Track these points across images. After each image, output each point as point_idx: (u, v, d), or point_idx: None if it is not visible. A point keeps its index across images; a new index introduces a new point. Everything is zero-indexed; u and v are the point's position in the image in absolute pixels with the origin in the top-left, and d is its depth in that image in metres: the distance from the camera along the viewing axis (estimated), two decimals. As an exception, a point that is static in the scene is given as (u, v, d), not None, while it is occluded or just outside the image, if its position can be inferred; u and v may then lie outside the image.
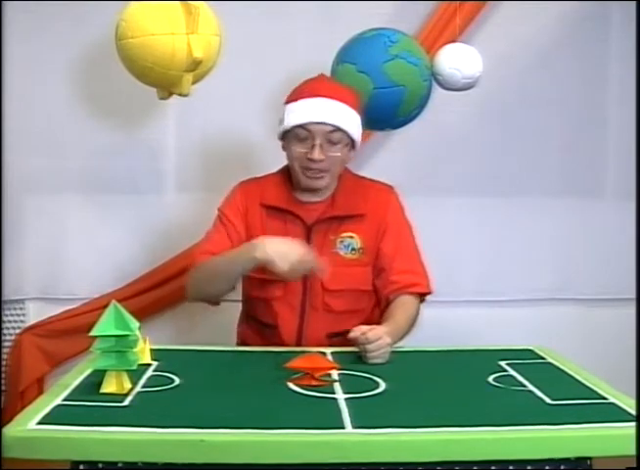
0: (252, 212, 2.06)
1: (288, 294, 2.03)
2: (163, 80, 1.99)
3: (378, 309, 2.12)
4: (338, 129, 1.97)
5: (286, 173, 2.11)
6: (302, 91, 2.02)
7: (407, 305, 2.03)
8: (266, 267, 1.86)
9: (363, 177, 2.17)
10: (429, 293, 2.10)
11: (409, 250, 2.10)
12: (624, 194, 2.87)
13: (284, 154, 2.07)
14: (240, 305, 2.21)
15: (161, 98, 2.07)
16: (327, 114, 1.97)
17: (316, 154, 1.96)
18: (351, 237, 2.04)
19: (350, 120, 2.00)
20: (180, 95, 2.03)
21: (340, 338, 2.01)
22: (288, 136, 2.02)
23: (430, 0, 2.68)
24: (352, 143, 2.04)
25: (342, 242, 2.04)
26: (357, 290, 2.06)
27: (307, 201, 2.06)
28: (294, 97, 2.03)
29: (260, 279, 2.03)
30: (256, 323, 2.11)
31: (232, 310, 2.25)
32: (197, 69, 1.97)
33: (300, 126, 1.97)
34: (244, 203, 2.08)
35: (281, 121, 2.03)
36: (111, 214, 2.78)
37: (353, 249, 2.04)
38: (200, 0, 1.97)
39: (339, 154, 1.99)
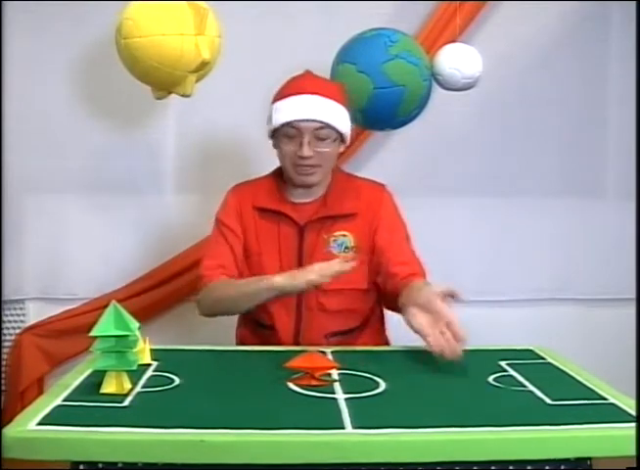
0: (246, 215, 2.07)
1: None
2: (168, 81, 1.98)
3: (378, 308, 2.12)
4: (325, 125, 1.97)
5: (278, 175, 2.11)
6: (289, 89, 2.03)
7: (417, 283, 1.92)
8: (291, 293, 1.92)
9: (355, 176, 2.17)
10: None
11: (402, 243, 2.08)
12: (624, 194, 2.88)
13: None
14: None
15: (158, 98, 2.07)
16: (314, 110, 1.97)
17: (305, 151, 1.96)
18: (344, 235, 2.04)
19: (338, 115, 2.00)
20: (183, 96, 2.03)
21: (338, 338, 2.01)
22: (277, 135, 2.02)
23: (430, 0, 2.68)
24: (341, 137, 2.03)
25: (335, 241, 2.03)
26: (352, 289, 2.04)
27: (299, 201, 2.06)
28: (280, 95, 2.03)
29: None
30: (254, 324, 2.11)
31: (232, 311, 2.24)
32: (203, 70, 1.98)
33: (289, 124, 1.98)
34: (237, 206, 2.08)
35: (268, 121, 2.04)
36: (110, 214, 2.78)
37: (347, 247, 2.03)
38: (202, 0, 1.97)
39: (328, 149, 2.00)
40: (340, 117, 2.01)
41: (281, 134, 2.01)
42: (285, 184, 2.08)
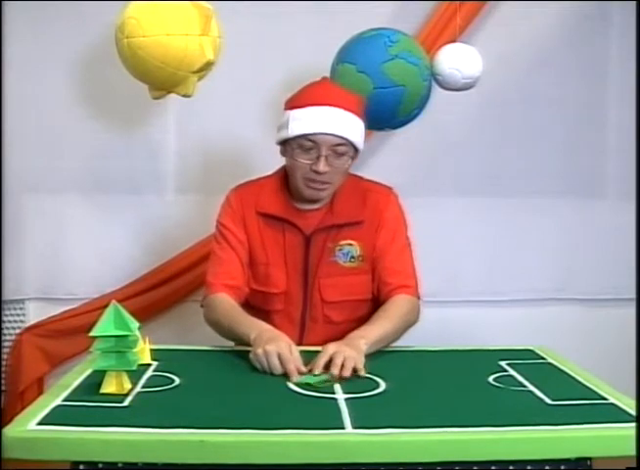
0: (249, 220, 2.01)
1: (288, 307, 2.01)
2: (170, 80, 1.98)
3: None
4: (344, 142, 1.91)
5: (282, 178, 2.04)
6: (308, 98, 1.93)
7: (397, 304, 1.95)
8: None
9: (362, 179, 2.11)
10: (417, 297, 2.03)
11: (401, 251, 2.04)
12: (624, 194, 2.88)
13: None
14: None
15: (155, 98, 2.06)
16: (334, 124, 1.89)
17: (321, 166, 1.89)
18: (350, 244, 2.00)
19: (357, 131, 1.94)
20: (184, 96, 2.03)
21: None
22: (290, 144, 1.94)
23: (430, 0, 2.68)
24: (356, 151, 1.98)
25: (340, 250, 1.99)
26: (357, 300, 2.02)
27: (305, 209, 2.00)
28: (298, 103, 1.94)
29: (262, 292, 2.02)
30: None
31: (232, 310, 2.24)
32: (206, 70, 1.97)
33: (306, 136, 1.90)
34: (240, 210, 2.02)
35: (281, 127, 1.96)
36: (110, 215, 2.78)
37: (352, 257, 2.00)
38: (204, 0, 1.97)
39: (344, 166, 1.95)
40: (358, 134, 1.94)
41: (295, 145, 1.92)
42: (288, 188, 2.02)
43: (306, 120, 1.90)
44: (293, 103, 1.96)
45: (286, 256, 2.00)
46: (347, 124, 1.92)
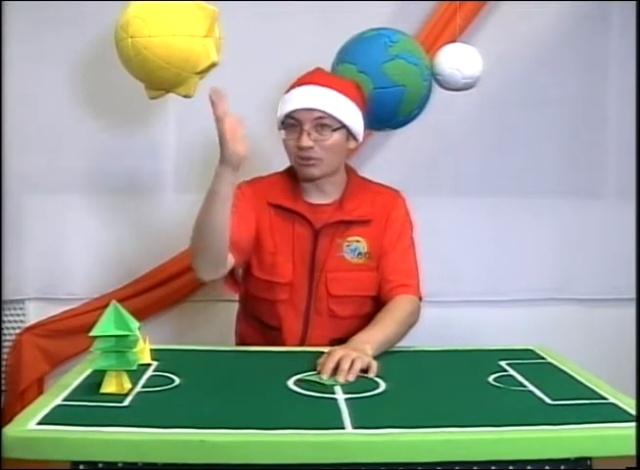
0: (260, 208, 2.03)
1: (293, 297, 2.02)
2: (173, 81, 1.98)
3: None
4: (325, 115, 1.96)
5: (291, 173, 2.08)
6: (295, 82, 2.03)
7: (400, 307, 1.96)
8: (235, 162, 1.82)
9: (370, 181, 2.15)
10: (419, 297, 2.04)
11: (405, 250, 2.07)
12: (624, 194, 2.88)
13: (284, 154, 2.07)
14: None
15: (153, 98, 2.06)
16: (313, 100, 1.96)
17: (304, 141, 1.95)
18: (358, 241, 2.02)
19: (340, 106, 1.98)
20: (185, 97, 2.03)
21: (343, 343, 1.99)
22: (283, 128, 2.02)
23: (430, 0, 2.68)
24: (347, 131, 2.01)
25: (348, 246, 2.02)
26: (362, 296, 2.04)
27: (315, 203, 2.04)
28: (287, 89, 2.04)
29: (267, 281, 2.03)
30: (259, 323, 2.10)
31: (232, 310, 2.25)
32: (209, 71, 1.97)
33: (289, 115, 1.98)
34: (252, 196, 2.03)
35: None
36: (111, 214, 2.78)
37: (360, 253, 2.02)
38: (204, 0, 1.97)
39: (329, 140, 1.97)
40: (342, 108, 1.98)
41: (285, 126, 2.00)
42: (298, 183, 2.06)
43: (290, 101, 1.99)
44: (285, 91, 2.04)
45: (294, 247, 2.01)
46: (329, 99, 1.97)
